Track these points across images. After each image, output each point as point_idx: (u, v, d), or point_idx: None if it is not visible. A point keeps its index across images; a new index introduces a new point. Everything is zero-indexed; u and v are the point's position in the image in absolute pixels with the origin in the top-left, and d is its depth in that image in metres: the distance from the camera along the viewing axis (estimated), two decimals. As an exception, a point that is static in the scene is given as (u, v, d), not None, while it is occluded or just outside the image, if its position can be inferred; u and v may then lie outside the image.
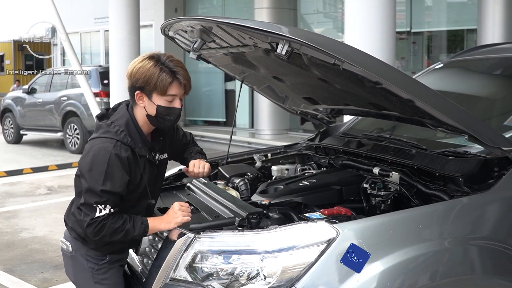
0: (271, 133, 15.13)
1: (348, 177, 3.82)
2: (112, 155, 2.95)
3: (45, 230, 7.79)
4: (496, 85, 4.54)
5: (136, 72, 3.06)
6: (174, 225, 3.06)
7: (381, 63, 2.96)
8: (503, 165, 3.16)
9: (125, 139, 3.03)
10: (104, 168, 2.94)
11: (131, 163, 3.04)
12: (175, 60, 3.10)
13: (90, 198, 2.95)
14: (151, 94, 3.07)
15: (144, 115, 3.14)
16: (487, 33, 10.99)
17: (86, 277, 3.22)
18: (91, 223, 2.96)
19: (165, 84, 3.04)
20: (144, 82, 3.04)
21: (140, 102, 3.11)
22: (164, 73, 3.03)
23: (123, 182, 2.99)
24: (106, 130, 3.06)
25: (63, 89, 15.63)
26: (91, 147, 3.03)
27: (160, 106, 3.09)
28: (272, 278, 2.73)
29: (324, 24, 17.32)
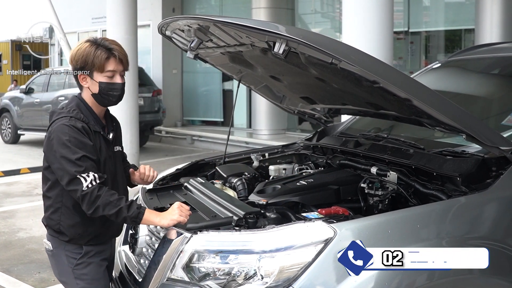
0: (268, 133, 15.12)
1: (345, 176, 3.82)
2: (69, 126, 3.08)
3: (42, 230, 7.69)
4: (493, 85, 4.54)
5: (75, 55, 3.23)
6: (169, 221, 3.05)
7: (379, 62, 2.96)
8: (501, 165, 3.15)
9: (78, 115, 3.17)
10: (68, 140, 3.03)
11: (89, 133, 3.14)
12: (110, 40, 3.29)
13: (69, 171, 3.00)
14: (92, 73, 3.22)
15: (88, 95, 3.27)
16: (485, 33, 10.99)
17: (68, 274, 3.26)
18: (84, 195, 2.99)
19: (101, 60, 3.19)
20: (83, 62, 3.19)
21: (84, 83, 3.25)
22: (99, 50, 3.20)
23: (89, 146, 3.10)
24: (58, 113, 3.21)
25: (61, 89, 15.60)
26: (49, 132, 3.15)
27: (102, 83, 3.23)
28: (269, 278, 2.72)
29: (322, 24, 17.31)
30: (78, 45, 3.25)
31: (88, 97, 3.26)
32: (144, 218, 3.07)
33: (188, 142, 16.26)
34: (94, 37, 3.30)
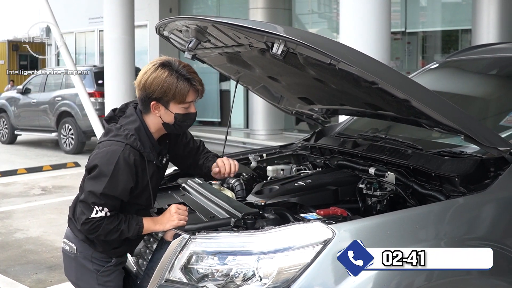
0: (266, 133, 15.11)
1: (343, 177, 3.82)
2: (120, 158, 2.94)
3: (40, 231, 7.76)
4: (491, 85, 4.54)
5: (151, 83, 3.03)
6: (169, 227, 3.07)
7: (377, 63, 2.96)
8: (499, 165, 3.15)
9: (135, 143, 3.01)
10: (110, 171, 2.92)
11: (138, 167, 3.03)
12: (186, 65, 3.10)
13: (89, 198, 2.94)
14: (168, 104, 3.07)
15: (158, 123, 3.14)
16: (481, 33, 10.99)
17: (89, 279, 3.21)
18: (86, 222, 2.96)
19: (184, 93, 3.05)
20: (161, 93, 3.03)
21: (156, 112, 3.10)
22: (181, 82, 3.04)
23: (126, 187, 2.99)
24: (116, 134, 3.04)
25: (58, 89, 15.61)
26: (100, 150, 3.01)
27: (178, 114, 3.10)
28: (268, 279, 2.72)
29: (319, 25, 17.31)
30: (152, 71, 3.05)
31: (154, 124, 3.14)
32: (144, 230, 3.09)
33: (185, 142, 16.11)
34: (168, 59, 3.10)
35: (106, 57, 13.21)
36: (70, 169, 12.88)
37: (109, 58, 13.02)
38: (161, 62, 3.07)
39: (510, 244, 2.98)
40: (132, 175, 2.99)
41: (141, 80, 3.06)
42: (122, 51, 12.69)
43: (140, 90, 3.08)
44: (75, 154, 14.57)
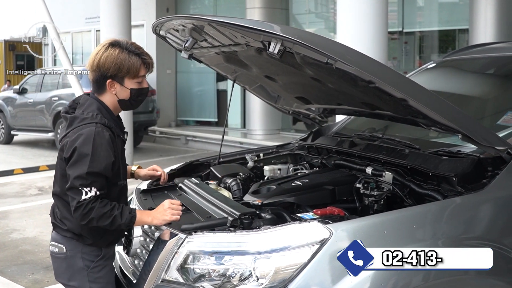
0: (263, 133, 15.11)
1: (341, 177, 3.81)
2: (96, 136, 3.01)
3: (36, 231, 7.75)
4: (489, 85, 4.54)
5: (105, 62, 3.15)
6: (162, 222, 3.08)
7: (374, 62, 2.96)
8: (497, 165, 3.15)
9: (103, 120, 3.10)
10: (89, 150, 2.97)
11: (114, 142, 3.10)
12: (133, 43, 3.26)
13: (76, 182, 2.96)
14: (123, 80, 3.18)
15: (114, 101, 3.24)
16: (479, 33, 11.00)
17: (81, 277, 3.19)
18: (78, 206, 2.96)
19: (136, 67, 3.18)
20: (116, 69, 3.15)
21: (112, 89, 3.20)
22: (132, 57, 3.18)
23: (108, 162, 3.03)
24: (81, 119, 3.11)
25: (54, 89, 15.58)
26: (71, 138, 3.05)
27: (133, 89, 3.22)
28: (265, 279, 2.71)
29: (316, 24, 17.32)
30: (103, 51, 3.17)
31: (111, 102, 3.22)
32: (136, 221, 3.09)
33: (182, 142, 16.23)
34: (113, 39, 3.24)
35: (103, 57, 13.19)
36: (67, 169, 12.83)
37: (106, 58, 13.01)
38: (109, 42, 3.20)
39: (508, 244, 2.98)
40: (111, 149, 3.05)
41: (94, 61, 3.17)
42: (119, 51, 12.68)
43: (94, 71, 3.19)
44: (72, 155, 14.52)
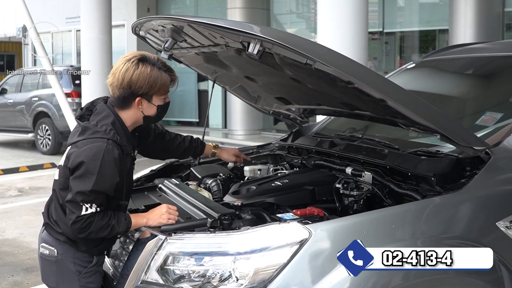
0: (244, 133, 15.13)
1: (320, 177, 3.82)
2: (105, 153, 2.94)
3: (16, 233, 7.70)
4: (467, 85, 4.57)
5: (137, 80, 3.05)
6: (157, 224, 3.07)
7: (353, 63, 2.96)
8: (475, 165, 3.17)
9: (115, 137, 3.03)
10: (96, 168, 2.91)
11: (121, 161, 3.04)
12: (159, 58, 3.18)
13: (77, 197, 2.92)
14: (152, 97, 3.13)
15: (136, 117, 3.18)
16: (458, 34, 11.07)
17: (71, 282, 3.18)
18: (77, 221, 2.94)
19: (167, 84, 3.15)
20: (148, 87, 3.08)
21: (139, 106, 3.13)
22: (163, 74, 3.12)
23: (113, 182, 2.99)
24: (94, 131, 3.03)
25: (34, 90, 15.50)
26: (80, 149, 2.99)
27: (160, 106, 3.18)
28: (245, 279, 2.71)
29: (297, 24, 17.36)
30: (134, 68, 3.06)
31: (133, 118, 3.17)
32: (132, 225, 3.10)
33: (163, 142, 16.08)
34: (142, 54, 3.13)
35: (83, 57, 13.15)
36: (47, 170, 12.78)
37: (86, 58, 12.96)
38: (137, 58, 3.10)
39: (486, 243, 2.99)
40: (117, 169, 2.99)
41: (124, 78, 3.06)
42: (99, 51, 12.65)
43: (123, 89, 3.08)
44: (52, 155, 14.46)
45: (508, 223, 3.06)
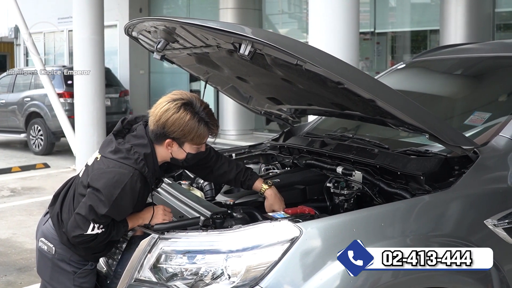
0: (236, 133, 15.13)
1: (311, 176, 3.85)
2: (127, 184, 2.94)
3: (9, 233, 7.70)
4: (457, 85, 4.60)
5: (172, 124, 3.02)
6: (152, 223, 3.11)
7: (343, 64, 2.99)
8: (464, 164, 3.21)
9: (143, 169, 3.01)
10: (115, 196, 2.91)
11: (140, 193, 3.04)
12: (206, 107, 3.10)
13: (90, 215, 2.93)
14: (183, 144, 3.10)
15: (166, 155, 3.15)
16: (449, 34, 11.10)
17: (65, 280, 3.21)
18: (80, 236, 2.98)
19: (202, 137, 3.09)
20: (181, 134, 3.05)
21: (169, 148, 3.11)
22: (201, 126, 3.05)
23: (126, 213, 3.04)
24: (125, 156, 3.02)
25: (27, 90, 15.47)
26: (107, 169, 2.99)
27: (190, 154, 3.15)
28: (236, 277, 2.74)
29: (289, 25, 17.36)
30: (175, 111, 3.02)
31: (163, 156, 3.15)
32: (129, 228, 3.15)
33: (155, 143, 16.06)
34: (190, 97, 3.08)
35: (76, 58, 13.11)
36: (39, 170, 12.76)
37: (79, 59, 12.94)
38: (183, 101, 3.05)
39: (475, 241, 3.03)
40: (134, 201, 3.01)
41: (161, 118, 3.04)
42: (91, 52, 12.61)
43: (158, 126, 3.06)
44: (44, 155, 14.45)
45: (496, 221, 3.10)
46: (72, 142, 12.53)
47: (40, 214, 3.37)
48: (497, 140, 3.31)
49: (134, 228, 3.16)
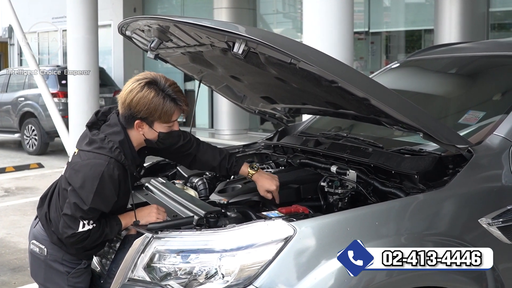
0: (230, 133, 15.15)
1: (305, 175, 3.84)
2: (104, 174, 2.93)
3: (3, 233, 7.67)
4: (451, 84, 4.61)
5: (137, 103, 3.01)
6: (146, 222, 3.10)
7: (337, 62, 2.99)
8: (458, 163, 3.20)
9: (119, 156, 3.01)
10: (94, 186, 2.91)
11: (121, 181, 3.04)
12: (172, 84, 3.09)
13: (76, 212, 2.93)
14: (153, 123, 3.08)
15: (140, 139, 3.14)
16: (444, 33, 11.14)
17: (59, 281, 3.20)
18: (73, 236, 2.97)
19: (169, 114, 3.06)
20: (147, 113, 3.03)
21: (140, 129, 3.09)
22: (167, 102, 3.03)
23: (111, 201, 3.01)
24: (100, 146, 3.02)
25: (21, 90, 15.45)
26: (83, 162, 2.99)
27: (162, 133, 3.12)
28: (230, 276, 2.74)
29: (284, 24, 17.39)
30: (138, 90, 3.01)
31: (137, 139, 3.13)
32: (123, 227, 3.15)
33: (150, 142, 16.04)
34: (154, 76, 3.08)
35: (70, 57, 13.11)
36: (33, 170, 12.74)
37: (73, 58, 12.93)
38: (147, 80, 3.05)
39: (469, 240, 3.03)
40: (115, 189, 3.00)
41: (126, 99, 3.03)
42: (85, 51, 12.61)
43: (125, 108, 3.06)
44: (38, 155, 14.44)
45: (490, 220, 3.10)
46: (66, 142, 12.52)
47: (34, 214, 3.36)
48: (491, 139, 3.31)
49: (128, 227, 3.15)
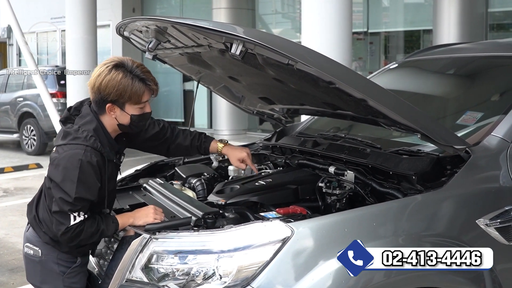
0: (229, 133, 15.14)
1: (303, 176, 3.84)
2: (83, 162, 2.92)
3: (1, 233, 7.69)
4: (449, 85, 4.61)
5: (106, 86, 3.01)
6: (143, 223, 3.08)
7: (334, 63, 2.99)
8: (456, 163, 3.21)
9: (95, 144, 3.00)
10: (76, 176, 2.90)
11: (101, 168, 3.03)
12: (140, 65, 3.09)
13: (64, 206, 2.92)
14: (124, 105, 3.07)
15: (113, 124, 3.13)
16: (442, 34, 11.14)
17: (55, 282, 3.18)
18: (67, 231, 2.95)
19: (139, 94, 3.05)
20: (117, 95, 3.02)
21: (112, 113, 3.09)
22: (136, 82, 3.02)
23: (95, 189, 2.99)
24: (74, 137, 3.01)
25: (19, 90, 15.44)
26: (60, 155, 2.98)
27: (134, 115, 3.11)
28: (228, 277, 2.73)
29: (282, 25, 17.39)
30: (106, 73, 3.02)
31: (110, 124, 3.12)
32: (120, 226, 3.13)
33: (148, 143, 16.04)
34: (121, 59, 3.09)
35: (68, 57, 13.11)
36: (32, 170, 12.74)
37: (71, 59, 12.93)
38: (114, 63, 3.06)
39: (467, 241, 3.03)
40: (97, 176, 2.99)
41: (95, 83, 3.04)
42: (84, 51, 12.62)
43: (94, 93, 3.07)
44: (37, 156, 14.43)
45: (488, 221, 3.10)
46: (65, 142, 12.48)
47: (33, 215, 3.36)
48: (489, 139, 3.31)
49: (126, 228, 3.15)
